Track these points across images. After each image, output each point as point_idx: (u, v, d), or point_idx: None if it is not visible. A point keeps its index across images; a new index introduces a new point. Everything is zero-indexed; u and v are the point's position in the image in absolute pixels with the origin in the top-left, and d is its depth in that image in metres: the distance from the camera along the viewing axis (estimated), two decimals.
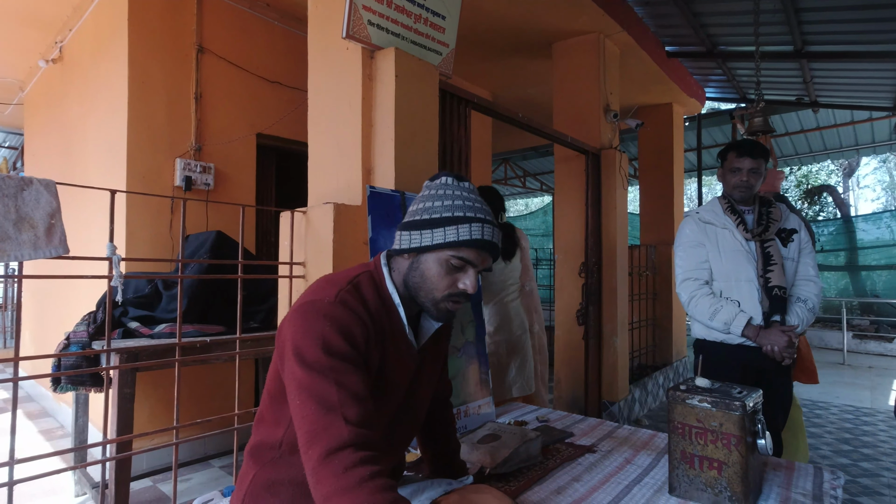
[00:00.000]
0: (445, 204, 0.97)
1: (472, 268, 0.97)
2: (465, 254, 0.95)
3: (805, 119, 6.18)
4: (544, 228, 10.07)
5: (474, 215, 0.96)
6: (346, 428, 0.81)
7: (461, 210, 0.96)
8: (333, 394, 0.83)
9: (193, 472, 2.89)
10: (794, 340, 1.80)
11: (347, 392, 0.84)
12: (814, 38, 3.87)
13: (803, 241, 1.98)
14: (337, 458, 0.79)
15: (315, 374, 0.85)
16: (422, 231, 0.97)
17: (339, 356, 0.86)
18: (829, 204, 12.49)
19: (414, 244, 0.97)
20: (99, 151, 3.29)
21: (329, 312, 0.89)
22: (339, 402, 0.83)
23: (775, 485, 1.35)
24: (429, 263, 0.97)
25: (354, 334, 0.89)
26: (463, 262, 0.96)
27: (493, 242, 0.97)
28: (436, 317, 1.00)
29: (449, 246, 0.95)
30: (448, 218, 0.96)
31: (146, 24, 3.00)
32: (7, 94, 5.18)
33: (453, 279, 0.97)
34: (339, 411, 0.82)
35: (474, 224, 0.95)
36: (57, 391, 2.46)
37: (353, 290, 0.95)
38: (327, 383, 0.84)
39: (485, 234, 0.96)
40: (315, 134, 2.13)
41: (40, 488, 2.63)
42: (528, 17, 3.58)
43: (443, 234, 0.95)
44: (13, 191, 1.21)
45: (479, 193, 1.04)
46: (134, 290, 2.59)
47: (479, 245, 0.95)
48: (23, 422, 3.70)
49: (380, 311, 0.97)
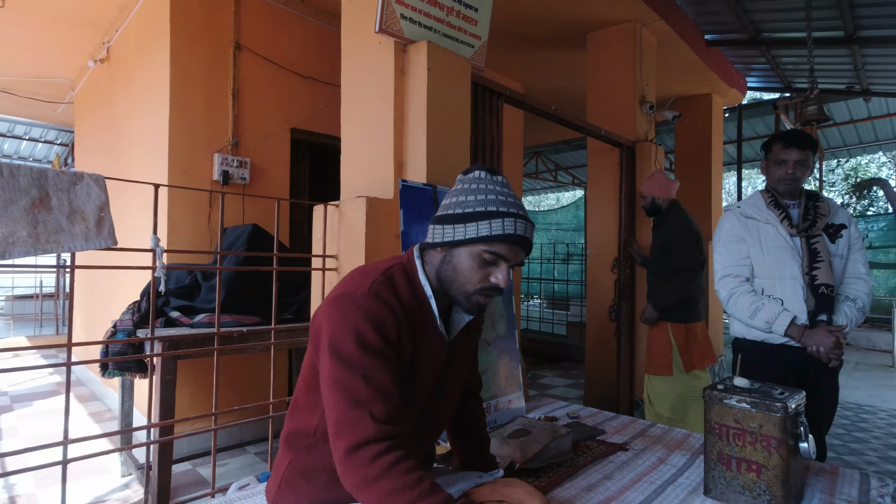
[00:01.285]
0: (479, 198, 0.98)
1: (504, 262, 0.97)
2: (498, 248, 0.96)
3: (855, 108, 5.86)
4: (576, 223, 9.91)
5: (507, 210, 0.96)
6: (372, 424, 0.84)
7: (494, 205, 0.97)
8: (362, 389, 0.86)
9: (230, 458, 2.99)
10: (841, 341, 1.72)
11: (376, 388, 0.87)
12: (867, 23, 3.65)
13: (853, 237, 1.88)
14: (362, 451, 0.82)
15: (346, 367, 0.87)
16: (455, 225, 0.97)
17: (371, 350, 0.88)
18: (879, 198, 11.84)
19: (447, 238, 0.98)
20: (143, 147, 3.42)
21: (363, 305, 0.90)
22: (368, 398, 0.86)
23: (818, 490, 1.30)
24: (461, 257, 0.97)
25: (387, 327, 0.91)
26: (495, 257, 0.96)
27: (526, 237, 0.97)
28: (468, 310, 1.00)
29: (482, 240, 0.95)
30: (481, 213, 0.96)
31: (187, 24, 3.09)
32: (59, 92, 5.45)
33: (485, 273, 0.97)
34: (367, 407, 0.85)
35: (507, 219, 0.95)
36: (105, 376, 2.59)
37: (387, 282, 0.96)
38: (357, 378, 0.86)
39: (517, 229, 0.96)
40: (348, 128, 2.15)
41: (90, 467, 2.78)
42: (561, 7, 3.51)
43: (476, 228, 0.96)
44: (67, 185, 1.27)
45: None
46: (175, 281, 2.70)
47: (511, 240, 0.95)
48: (74, 405, 3.91)
49: (412, 303, 0.98)
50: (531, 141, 7.38)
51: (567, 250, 8.82)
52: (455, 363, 1.10)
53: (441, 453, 1.51)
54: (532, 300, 10.29)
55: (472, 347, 1.19)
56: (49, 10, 3.70)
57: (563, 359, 6.16)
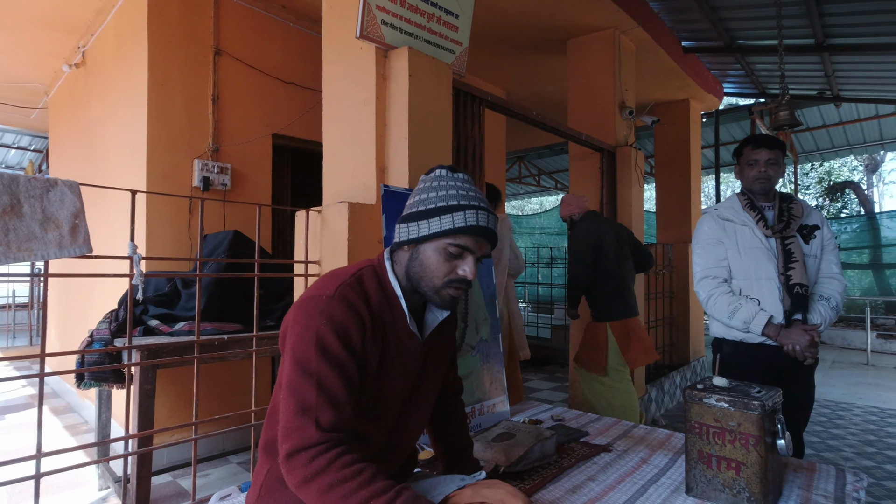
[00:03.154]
0: (440, 195, 1.00)
1: (470, 254, 0.99)
2: (462, 241, 0.98)
3: (827, 114, 6.04)
4: (559, 227, 10.00)
5: (469, 203, 0.99)
6: (315, 432, 0.85)
7: (455, 199, 0.99)
8: (313, 397, 0.87)
9: (212, 468, 2.94)
10: (816, 340, 1.76)
11: (327, 396, 0.88)
12: (836, 31, 3.78)
13: (826, 238, 1.93)
14: (302, 454, 0.83)
15: (301, 373, 0.88)
16: (419, 222, 1.00)
17: (330, 357, 0.89)
18: (852, 200, 12.19)
19: (412, 235, 1.00)
20: (120, 153, 3.36)
21: (326, 309, 0.92)
22: (316, 405, 0.86)
23: (796, 486, 1.33)
24: (428, 252, 0.99)
25: (350, 333, 0.92)
26: (460, 249, 0.98)
27: (489, 228, 1.00)
28: (439, 304, 1.02)
29: (445, 234, 0.98)
30: (443, 207, 0.98)
31: (165, 28, 3.05)
32: (33, 98, 5.32)
33: (452, 266, 0.99)
34: (314, 414, 0.86)
35: (469, 211, 0.98)
36: (81, 387, 2.52)
37: (355, 284, 0.97)
38: (310, 385, 0.87)
39: (479, 220, 0.98)
40: (330, 133, 2.15)
41: (65, 481, 2.70)
42: (542, 14, 3.56)
43: (439, 223, 0.98)
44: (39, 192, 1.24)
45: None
46: (154, 289, 2.65)
47: (474, 231, 0.98)
48: (48, 417, 3.80)
49: (382, 304, 0.99)
50: (514, 146, 7.44)
51: (551, 254, 8.88)
52: (431, 363, 1.10)
53: (425, 458, 1.51)
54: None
55: (449, 348, 1.19)
56: (22, 13, 3.62)
57: (547, 362, 6.19)
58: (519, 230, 10.72)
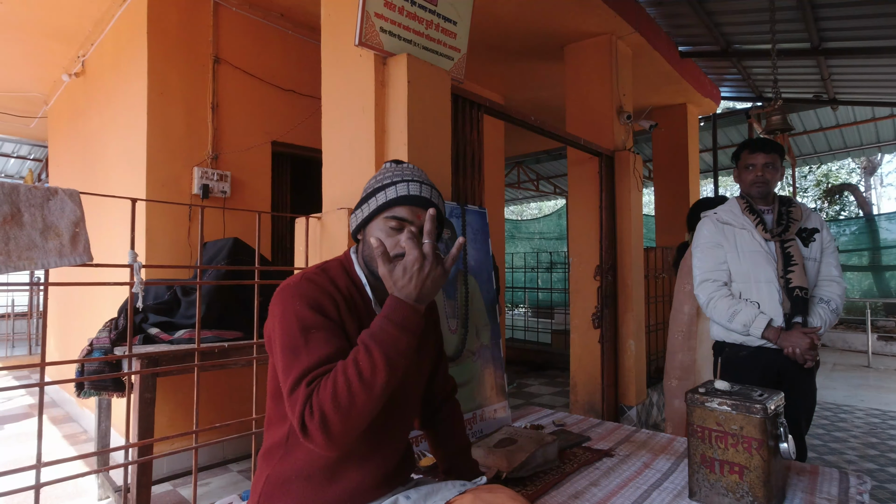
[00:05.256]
0: (377, 178, 1.09)
1: (409, 225, 1.02)
2: (398, 212, 1.02)
3: (824, 117, 6.06)
4: (558, 232, 10.01)
5: (402, 178, 1.05)
6: (307, 360, 0.90)
7: (389, 179, 1.06)
8: (306, 365, 0.90)
9: (213, 477, 2.92)
10: (816, 342, 1.76)
11: (319, 359, 0.91)
12: (831, 35, 3.80)
13: (826, 241, 1.94)
14: (300, 388, 0.87)
15: (290, 353, 0.92)
16: (361, 207, 1.08)
17: (312, 327, 0.93)
18: (850, 203, 12.21)
19: (358, 220, 1.08)
20: (119, 162, 3.37)
21: (296, 291, 0.96)
22: (312, 368, 0.89)
23: (799, 490, 1.32)
24: (373, 233, 1.05)
25: (324, 304, 0.96)
26: (399, 222, 1.02)
27: (422, 196, 1.03)
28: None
29: (381, 209, 1.03)
30: (378, 188, 1.06)
31: (164, 37, 3.07)
32: (32, 107, 5.34)
33: (395, 241, 1.02)
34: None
35: (399, 185, 1.04)
36: (81, 396, 2.51)
37: (320, 272, 1.03)
38: (298, 359, 0.91)
39: (411, 189, 1.03)
40: (329, 140, 2.15)
41: (65, 491, 2.68)
42: (539, 20, 3.58)
43: (375, 201, 1.05)
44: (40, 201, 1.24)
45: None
46: (154, 297, 2.64)
47: (407, 201, 1.02)
48: (48, 427, 3.78)
49: (350, 289, 1.04)
50: (512, 151, 7.45)
51: (550, 259, 8.89)
52: None
53: (426, 465, 1.50)
54: (517, 309, 10.33)
55: (428, 341, 1.17)
56: (21, 23, 3.64)
57: (548, 367, 6.18)
58: (518, 235, 10.73)
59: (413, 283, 0.89)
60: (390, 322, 0.88)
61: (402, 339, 0.88)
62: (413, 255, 0.89)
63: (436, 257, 0.91)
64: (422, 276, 0.89)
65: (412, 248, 0.90)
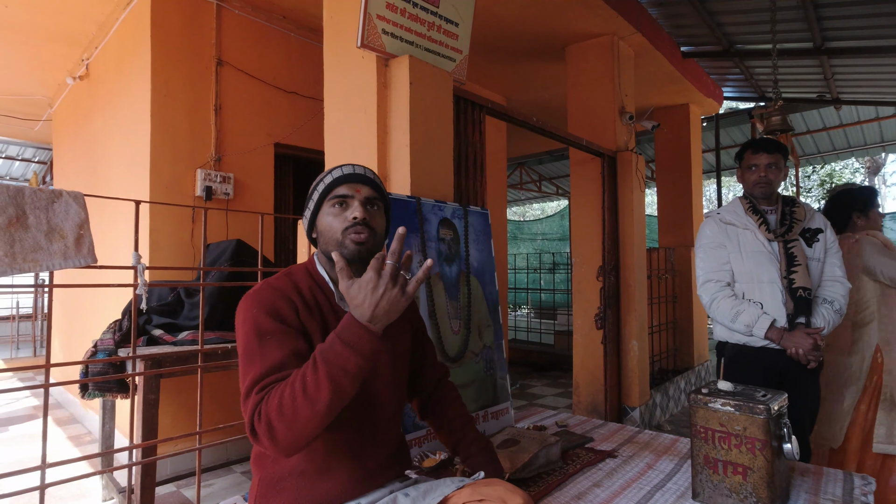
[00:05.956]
0: (316, 180, 1.14)
1: (352, 200, 1.07)
2: (338, 191, 1.08)
3: (827, 116, 6.04)
4: (561, 232, 10.00)
5: (333, 169, 1.12)
6: (260, 367, 0.93)
7: (324, 173, 1.13)
8: (259, 372, 0.94)
9: (216, 478, 2.93)
10: (819, 343, 1.76)
11: (272, 366, 0.94)
12: (833, 34, 3.79)
13: (829, 241, 1.93)
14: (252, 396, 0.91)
15: (247, 358, 0.97)
16: (307, 206, 1.14)
17: (268, 333, 0.97)
18: None
19: (308, 218, 1.13)
20: (123, 164, 3.38)
21: (256, 299, 1.01)
22: (263, 375, 0.93)
23: (803, 490, 1.32)
24: (323, 220, 1.09)
25: (280, 309, 0.99)
26: (341, 199, 1.07)
27: (357, 173, 1.10)
28: (348, 255, 1.05)
29: (324, 196, 1.09)
30: (316, 183, 1.13)
31: (168, 40, 3.08)
32: (37, 110, 5.37)
33: (343, 217, 1.07)
34: (264, 384, 0.93)
35: (334, 170, 1.11)
36: (85, 398, 2.52)
37: (282, 277, 1.07)
38: (253, 364, 0.95)
39: (344, 170, 1.10)
40: (331, 142, 2.16)
41: (69, 492, 2.69)
42: (540, 21, 3.58)
43: (317, 192, 1.11)
44: (45, 203, 1.25)
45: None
46: (157, 298, 2.65)
47: (344, 180, 1.08)
48: (52, 428, 3.80)
49: (313, 289, 1.08)
50: (514, 152, 7.45)
51: (553, 260, 8.88)
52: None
53: (430, 466, 1.50)
54: (519, 310, 10.32)
55: (403, 329, 1.17)
56: (26, 27, 3.66)
57: (551, 368, 6.17)
58: (521, 236, 10.72)
59: (367, 302, 0.88)
60: (340, 340, 0.89)
61: (350, 359, 0.87)
62: (368, 275, 0.89)
63: (394, 278, 0.90)
64: (375, 296, 0.88)
65: (370, 267, 0.90)
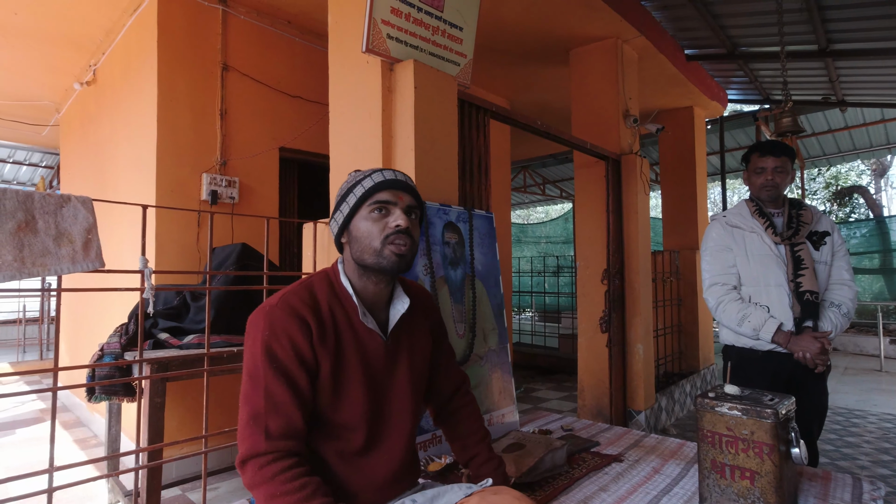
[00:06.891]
0: (347, 182, 1.10)
1: (394, 207, 1.04)
2: (380, 197, 1.04)
3: (832, 118, 6.02)
4: (565, 236, 9.99)
5: (371, 172, 1.07)
6: (264, 442, 0.91)
7: (361, 176, 1.08)
8: (262, 405, 0.92)
9: (221, 481, 2.93)
10: (827, 346, 1.75)
11: (274, 404, 0.93)
12: (838, 37, 3.78)
13: (836, 244, 1.92)
14: (251, 462, 0.90)
15: (252, 381, 0.95)
16: (339, 208, 1.08)
17: (276, 364, 0.95)
18: (860, 205, 12.10)
19: (340, 221, 1.08)
20: (130, 168, 3.41)
21: (269, 318, 0.98)
22: (265, 413, 0.92)
23: (811, 495, 1.31)
24: (358, 226, 1.05)
25: (294, 338, 0.97)
26: (383, 205, 1.04)
27: (398, 180, 1.06)
28: (387, 266, 1.03)
29: (363, 200, 1.04)
30: (352, 185, 1.07)
31: (174, 45, 3.11)
32: (44, 115, 5.41)
33: (384, 224, 1.03)
34: (263, 421, 0.92)
35: (375, 174, 1.06)
36: (91, 401, 2.53)
37: (301, 290, 1.03)
38: (259, 393, 0.93)
39: (385, 176, 1.06)
40: (336, 146, 2.17)
41: (75, 495, 2.70)
42: (544, 25, 3.59)
43: (354, 196, 1.06)
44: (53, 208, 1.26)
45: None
46: (163, 302, 2.66)
47: (386, 185, 1.04)
48: (58, 431, 3.81)
49: (333, 303, 1.05)
50: (518, 155, 7.46)
51: (557, 263, 8.86)
52: (401, 358, 1.11)
53: (435, 469, 1.50)
54: (524, 313, 10.30)
55: (423, 342, 1.17)
56: (34, 33, 3.70)
57: (556, 371, 6.15)
58: (525, 239, 10.71)
59: None
60: None
61: None
62: None
63: None
64: None
65: None
